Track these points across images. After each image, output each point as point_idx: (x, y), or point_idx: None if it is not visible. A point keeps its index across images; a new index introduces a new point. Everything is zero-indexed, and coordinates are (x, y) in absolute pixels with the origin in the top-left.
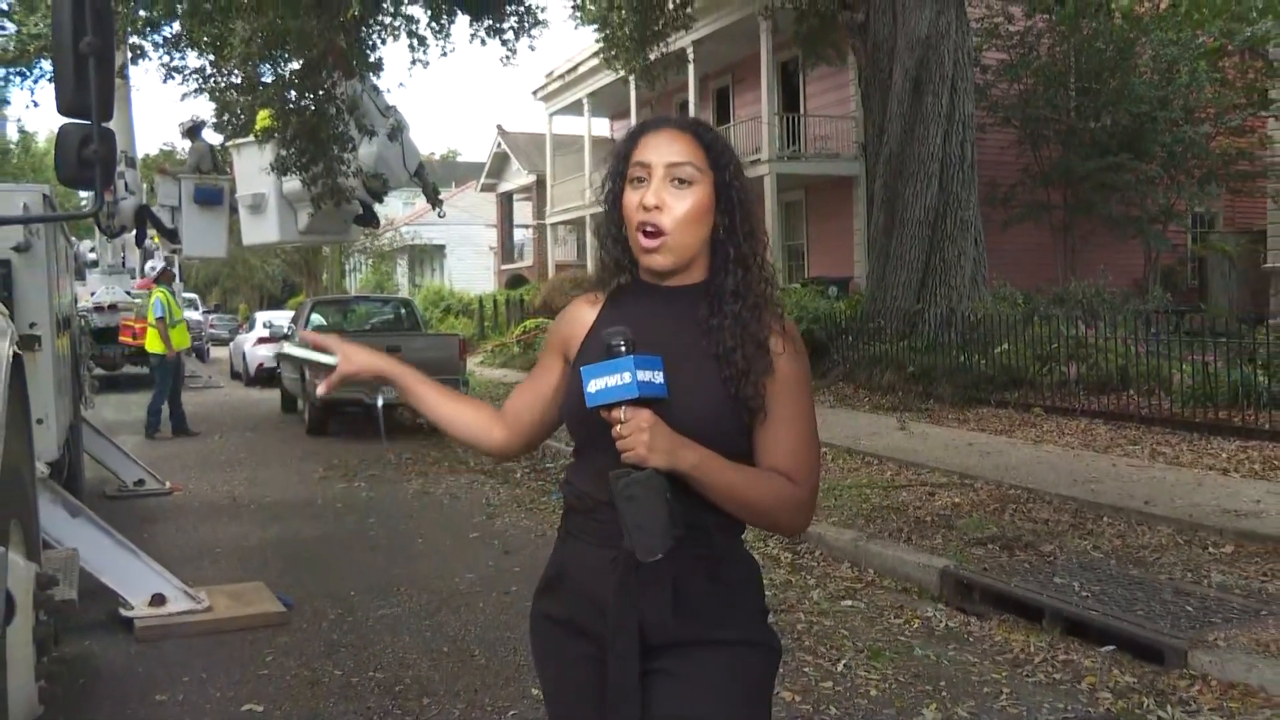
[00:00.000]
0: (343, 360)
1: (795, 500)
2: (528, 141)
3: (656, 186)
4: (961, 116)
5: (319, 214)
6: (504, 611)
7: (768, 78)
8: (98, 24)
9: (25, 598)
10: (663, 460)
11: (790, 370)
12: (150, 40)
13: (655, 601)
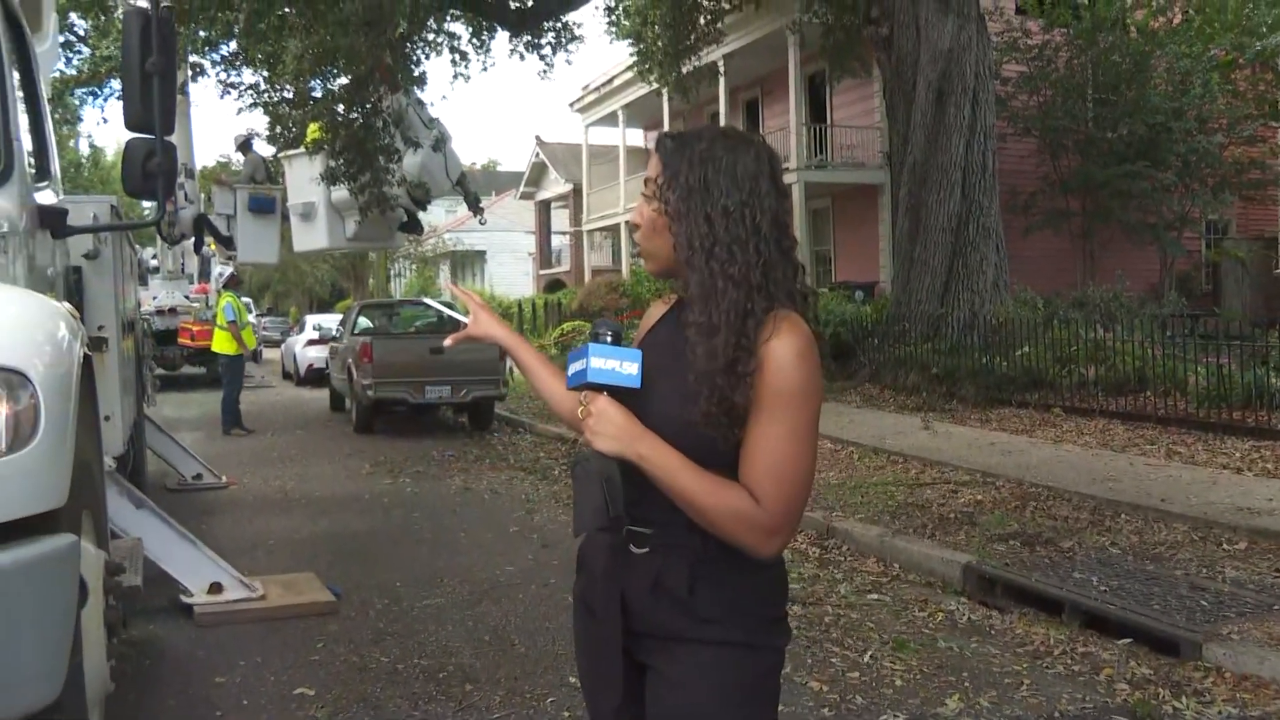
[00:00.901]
0: (472, 322)
1: (753, 521)
2: (565, 151)
3: (638, 202)
4: (983, 127)
5: (366, 222)
6: (543, 603)
7: (796, 90)
8: (162, 45)
9: (96, 583)
10: (608, 446)
11: (781, 384)
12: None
13: (637, 590)
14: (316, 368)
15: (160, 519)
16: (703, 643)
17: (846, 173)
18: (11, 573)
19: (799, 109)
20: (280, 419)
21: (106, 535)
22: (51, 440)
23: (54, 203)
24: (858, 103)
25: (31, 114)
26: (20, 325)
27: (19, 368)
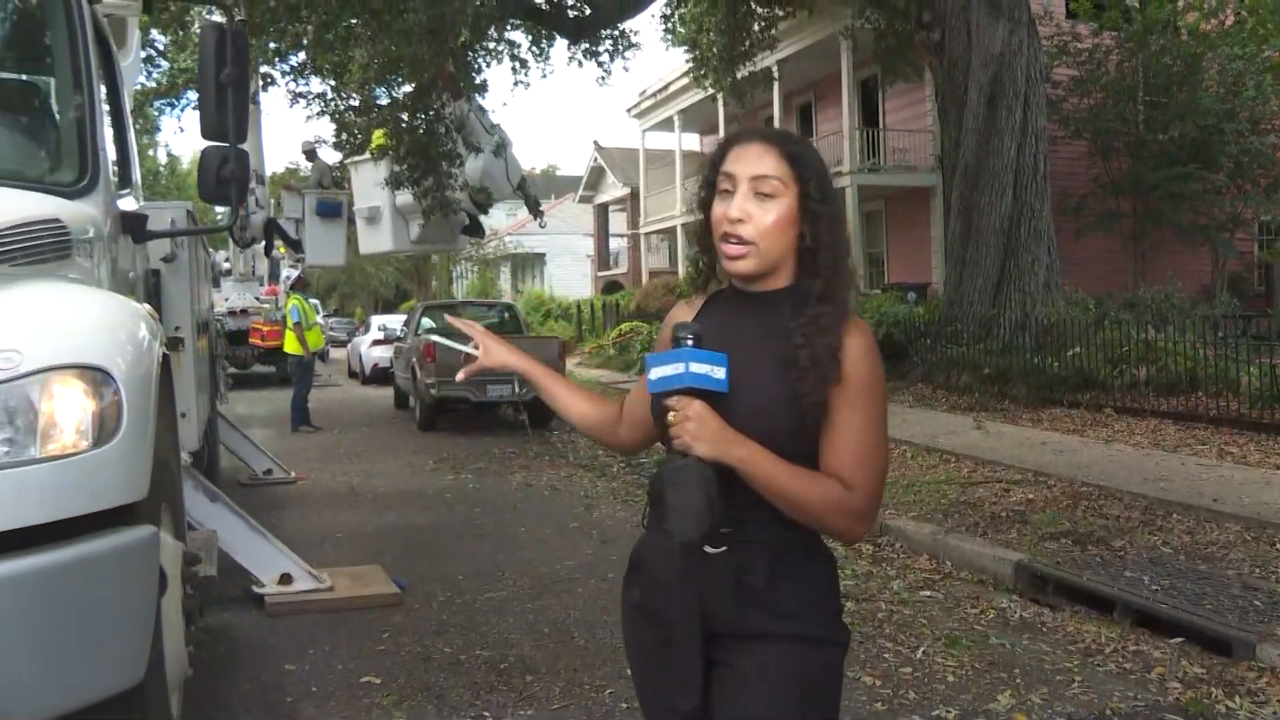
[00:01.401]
0: (483, 354)
1: (846, 506)
2: (622, 156)
3: (740, 198)
4: (1034, 129)
5: (429, 225)
6: (601, 597)
7: (848, 94)
8: (236, 57)
9: (175, 572)
10: (708, 450)
11: (859, 378)
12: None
13: (718, 589)
14: (381, 367)
15: (233, 512)
16: (781, 638)
17: (898, 176)
18: (98, 561)
19: (852, 113)
20: (347, 417)
21: (184, 527)
22: (134, 436)
23: (135, 209)
24: (909, 107)
25: (116, 125)
26: (104, 326)
27: (104, 366)
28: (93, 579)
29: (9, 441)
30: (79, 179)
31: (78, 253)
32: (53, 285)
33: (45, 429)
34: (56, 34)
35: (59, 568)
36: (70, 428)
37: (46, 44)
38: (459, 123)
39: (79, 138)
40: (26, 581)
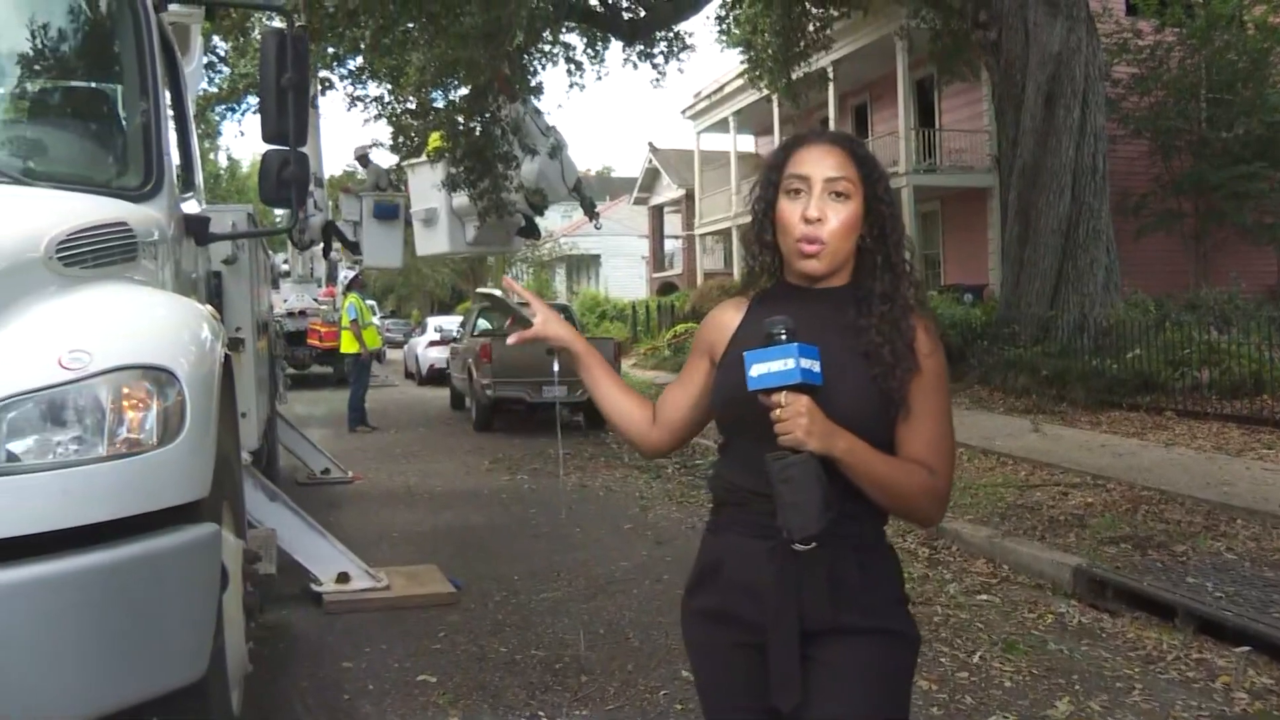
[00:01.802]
0: (540, 322)
1: (934, 490)
2: (677, 157)
3: (817, 200)
4: (1093, 129)
5: (485, 227)
6: (656, 598)
7: (904, 94)
8: (296, 62)
9: (236, 570)
10: (818, 444)
11: (932, 368)
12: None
13: (813, 588)
14: (438, 368)
15: (292, 511)
16: (872, 633)
17: (955, 176)
18: (162, 558)
19: (907, 113)
20: (403, 417)
21: (244, 525)
22: (196, 435)
23: (198, 212)
24: (966, 106)
25: (179, 131)
26: (169, 327)
27: (168, 367)
28: (157, 575)
29: (77, 440)
30: (144, 183)
31: (143, 255)
32: (119, 287)
33: (112, 428)
34: (124, 43)
35: (124, 564)
36: (136, 427)
37: (114, 52)
38: (515, 125)
39: (145, 143)
40: (93, 577)
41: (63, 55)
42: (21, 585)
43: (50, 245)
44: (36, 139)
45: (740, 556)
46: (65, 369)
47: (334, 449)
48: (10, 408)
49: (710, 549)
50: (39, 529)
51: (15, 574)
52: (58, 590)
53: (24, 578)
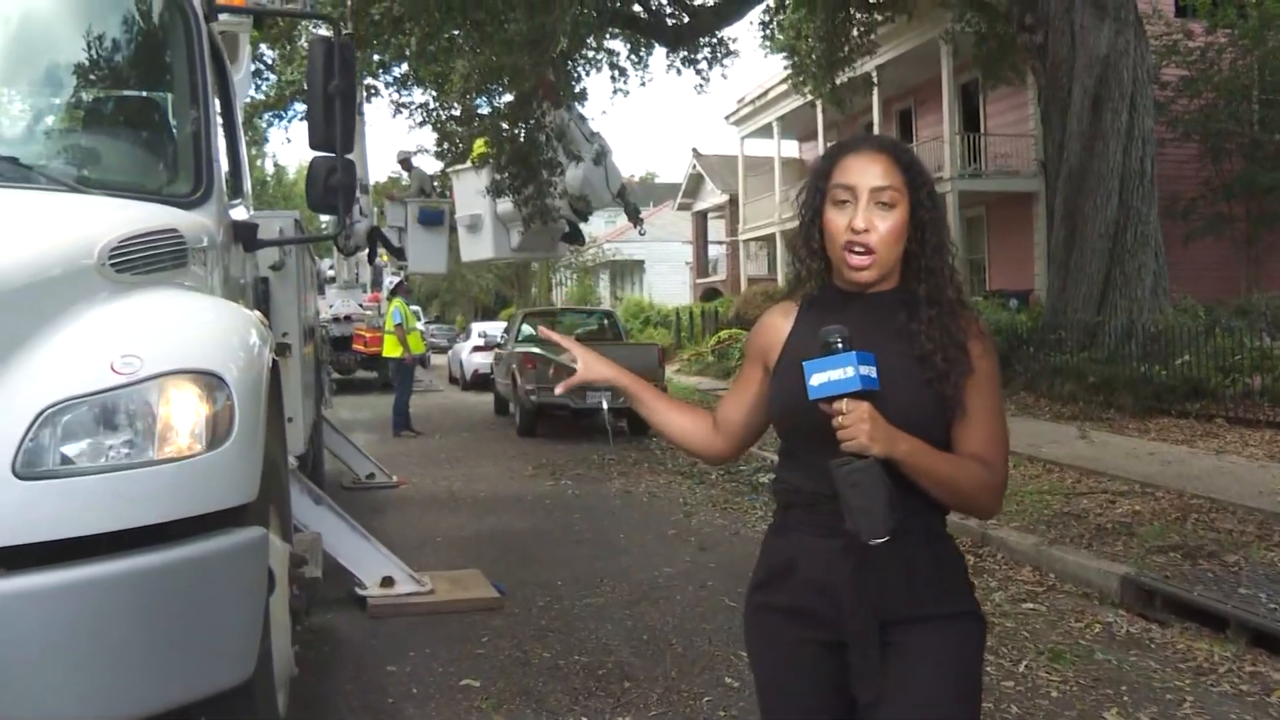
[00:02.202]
0: (583, 367)
1: (991, 485)
2: (721, 163)
3: (864, 209)
4: (1141, 132)
5: (530, 233)
6: (700, 604)
7: (949, 99)
8: (343, 70)
9: (282, 573)
10: (881, 449)
11: (984, 368)
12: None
13: (890, 583)
14: (482, 373)
15: (337, 515)
16: (948, 617)
17: (1000, 181)
18: (210, 560)
19: (952, 118)
20: (447, 422)
21: (290, 529)
22: (245, 439)
23: (246, 218)
24: (1011, 111)
25: (228, 138)
26: (218, 332)
27: (218, 372)
28: (205, 578)
29: (128, 444)
30: (194, 190)
31: (193, 261)
32: (170, 293)
33: (162, 432)
34: (175, 52)
35: (174, 566)
36: (185, 431)
37: (166, 62)
38: (559, 131)
39: (194, 151)
40: (144, 578)
41: (115, 65)
42: (75, 586)
43: (103, 252)
44: (90, 147)
45: (813, 556)
46: (117, 373)
47: (379, 453)
48: (64, 411)
49: (778, 550)
50: (91, 531)
51: (68, 575)
52: (110, 591)
53: (77, 578)
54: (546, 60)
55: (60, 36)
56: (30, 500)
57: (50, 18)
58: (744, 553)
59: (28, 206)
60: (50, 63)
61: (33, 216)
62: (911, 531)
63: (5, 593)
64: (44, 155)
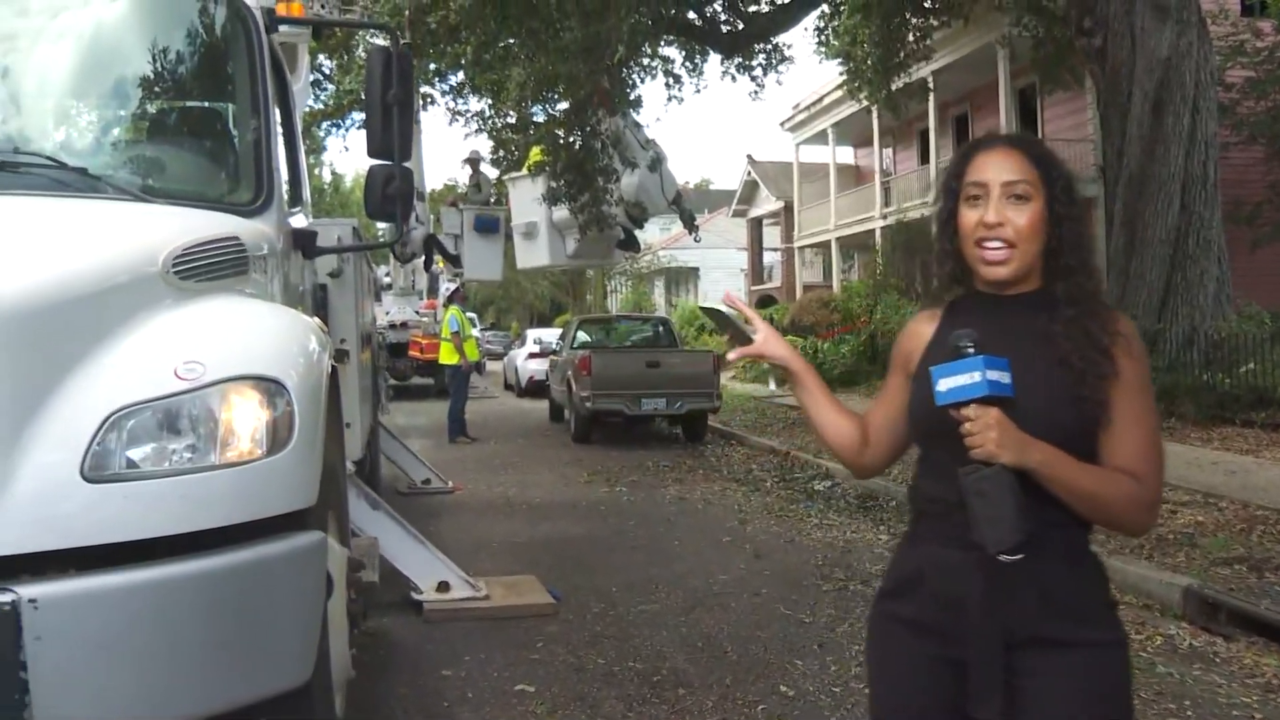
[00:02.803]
0: (762, 340)
1: (1140, 499)
2: (776, 169)
3: (995, 204)
4: (1204, 136)
5: (585, 240)
6: (755, 612)
7: (1005, 104)
8: (401, 79)
9: (340, 577)
10: (1011, 456)
11: (1132, 373)
12: (438, 88)
13: (1021, 600)
14: (537, 380)
15: (394, 520)
16: (1087, 645)
17: None
18: (270, 564)
19: (1009, 123)
20: (503, 428)
21: (348, 534)
22: (304, 445)
23: (305, 226)
24: (1069, 115)
25: (288, 147)
26: (278, 339)
27: (278, 378)
28: (265, 581)
29: (191, 449)
30: (255, 199)
31: (254, 268)
32: (232, 300)
33: (224, 437)
34: (237, 63)
35: (236, 569)
36: (247, 436)
37: (228, 72)
38: (614, 138)
39: (255, 160)
40: (207, 581)
41: (179, 77)
42: (139, 587)
43: (167, 260)
44: (154, 157)
45: (941, 568)
46: (180, 379)
47: (434, 459)
48: (130, 416)
49: (909, 559)
50: (156, 534)
51: (133, 576)
52: (173, 593)
53: (141, 580)
54: (602, 68)
55: (126, 50)
56: (97, 503)
57: (116, 32)
58: (799, 560)
59: (96, 216)
60: (116, 75)
61: (100, 225)
62: (1047, 547)
63: (73, 593)
64: (111, 165)
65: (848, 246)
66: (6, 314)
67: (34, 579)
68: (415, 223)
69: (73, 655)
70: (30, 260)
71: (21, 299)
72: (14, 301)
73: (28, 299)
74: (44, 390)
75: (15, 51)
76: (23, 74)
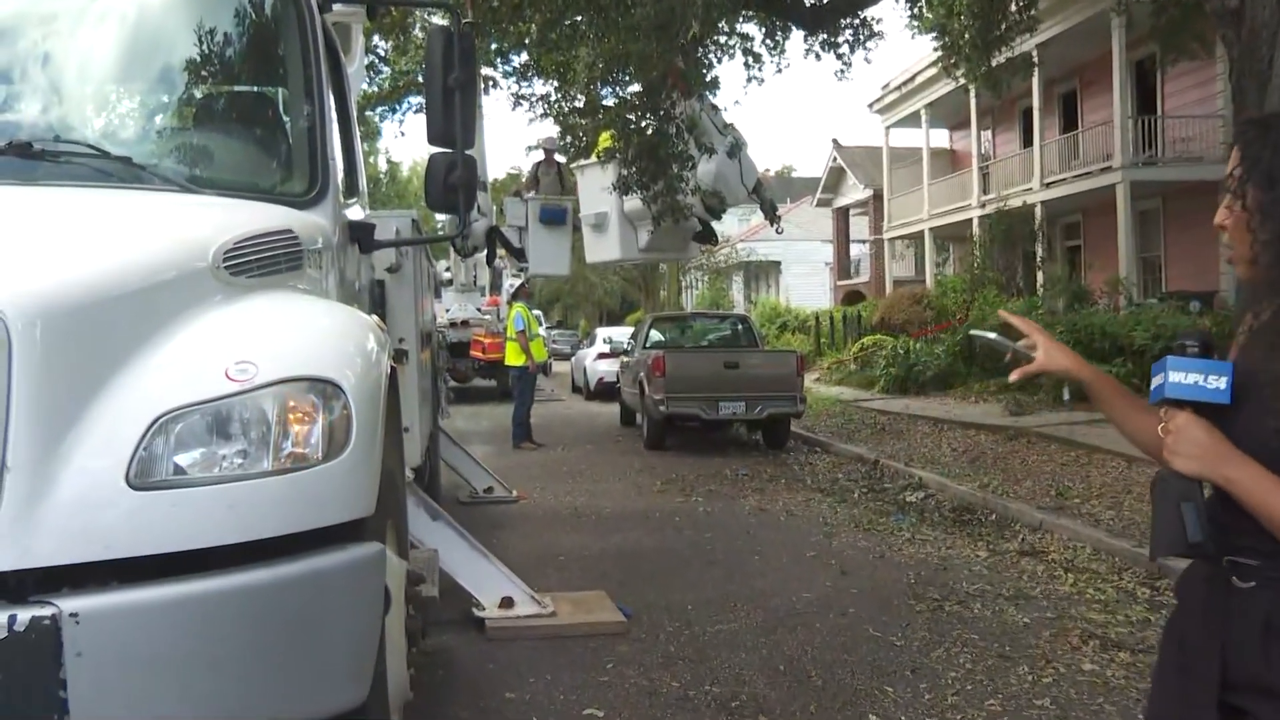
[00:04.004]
0: (1044, 356)
1: None
2: (863, 155)
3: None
4: None
5: (659, 232)
6: (841, 634)
7: (1120, 78)
8: (463, 61)
9: (398, 592)
10: (1187, 466)
11: None
12: (500, 70)
13: (1244, 630)
14: (607, 382)
15: (455, 531)
16: None
17: (1180, 169)
18: (325, 577)
19: (1124, 99)
20: (570, 433)
21: (407, 545)
22: (362, 450)
23: (362, 218)
24: (1194, 89)
25: (343, 134)
26: (334, 338)
27: (334, 379)
28: (320, 595)
29: (242, 454)
30: (309, 189)
31: (308, 263)
32: (285, 297)
33: (277, 441)
34: (288, 45)
35: (289, 582)
36: (301, 441)
37: (279, 55)
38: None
39: (309, 148)
40: (257, 594)
41: (227, 60)
42: (187, 600)
43: (217, 255)
44: (202, 146)
45: (1191, 580)
46: (232, 380)
47: (497, 466)
48: (178, 419)
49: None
50: (204, 544)
51: (181, 589)
52: (222, 606)
53: (189, 593)
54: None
55: (171, 32)
56: (143, 511)
57: (160, 14)
58: (889, 578)
59: (141, 208)
60: (162, 59)
61: (146, 218)
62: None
63: (117, 607)
64: (156, 155)
65: (942, 237)
66: (47, 312)
67: (75, 592)
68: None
69: (115, 673)
70: (72, 255)
71: (63, 296)
72: (55, 299)
73: (69, 296)
74: (87, 393)
75: (56, 35)
76: (64, 59)
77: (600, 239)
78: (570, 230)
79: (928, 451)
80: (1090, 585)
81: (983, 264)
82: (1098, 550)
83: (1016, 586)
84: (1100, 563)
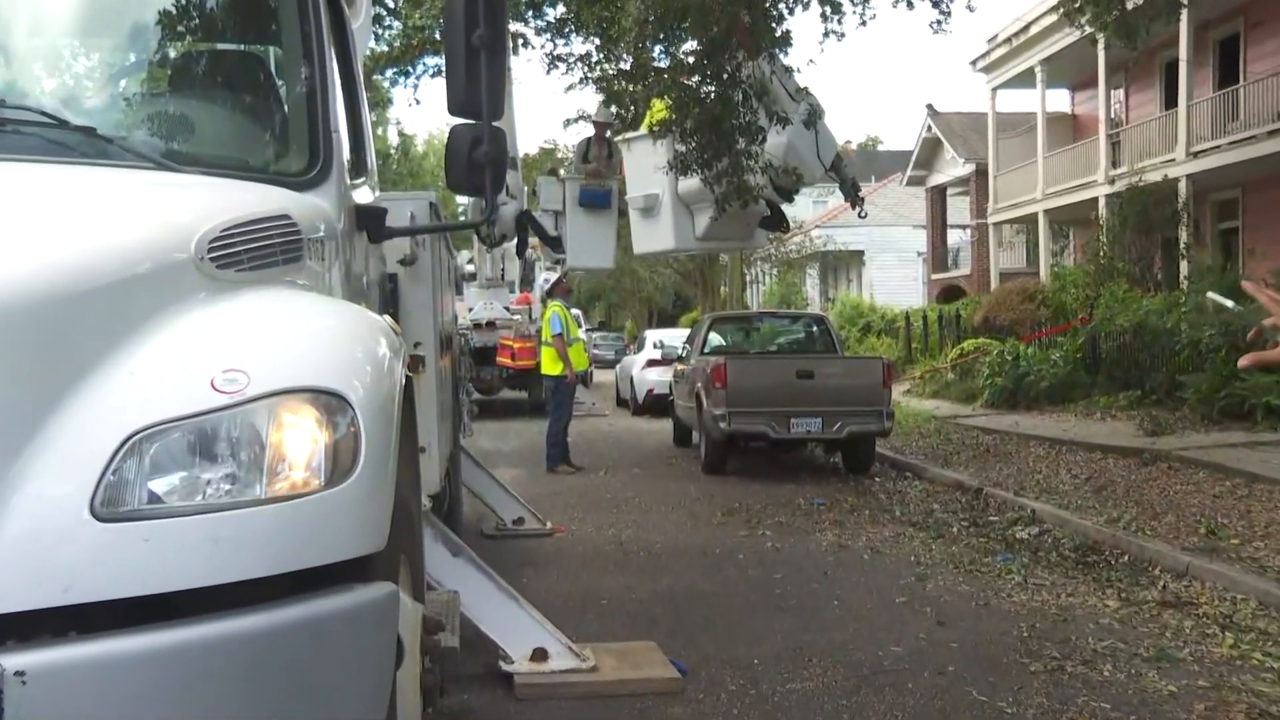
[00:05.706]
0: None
1: None
2: (964, 123)
3: None
4: None
5: (720, 218)
6: (938, 696)
7: None
8: (490, 14)
9: (413, 641)
10: None
11: None
12: (532, 25)
13: None
14: (657, 393)
15: (479, 570)
16: None
17: None
18: (327, 623)
19: None
20: (614, 454)
21: (423, 586)
22: (372, 474)
23: (371, 202)
24: None
25: (349, 103)
26: (340, 342)
27: (340, 391)
28: (321, 644)
29: (230, 479)
30: (309, 168)
31: (309, 254)
32: (281, 294)
33: (272, 464)
34: None
35: (283, 630)
36: (300, 463)
37: (272, 6)
38: (758, 88)
39: (309, 118)
40: (246, 645)
41: (209, 12)
42: (161, 654)
43: (201, 244)
44: (182, 115)
45: None
46: (218, 392)
47: (529, 493)
48: (154, 438)
49: None
50: (183, 586)
51: (154, 640)
52: (204, 660)
53: (164, 644)
54: None
55: None
56: (110, 547)
57: None
58: (996, 630)
59: (109, 189)
60: (131, 11)
61: (115, 201)
62: None
63: (73, 662)
64: (126, 125)
65: (1060, 221)
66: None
67: (23, 645)
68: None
69: None
70: (25, 245)
71: (14, 294)
72: (5, 297)
73: (24, 294)
74: (46, 406)
75: None
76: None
77: (650, 225)
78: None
79: (1042, 479)
80: (1257, 648)
81: (1110, 252)
82: (1265, 604)
83: (1158, 645)
84: (1270, 620)
